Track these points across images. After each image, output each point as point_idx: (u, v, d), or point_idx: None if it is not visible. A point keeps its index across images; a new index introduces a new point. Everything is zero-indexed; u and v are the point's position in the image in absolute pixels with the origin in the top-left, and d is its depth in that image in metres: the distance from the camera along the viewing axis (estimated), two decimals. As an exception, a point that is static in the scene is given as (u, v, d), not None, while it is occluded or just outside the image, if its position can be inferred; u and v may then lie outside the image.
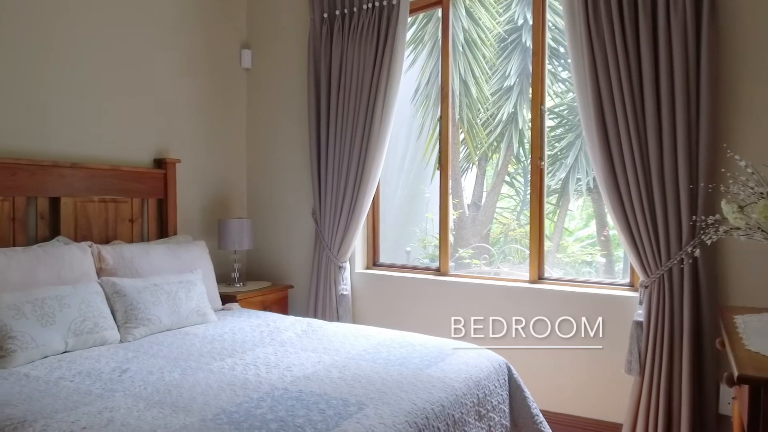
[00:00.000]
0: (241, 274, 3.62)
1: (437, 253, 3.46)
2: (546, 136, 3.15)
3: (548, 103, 3.21)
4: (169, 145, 3.43)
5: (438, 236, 3.55)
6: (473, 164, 5.12)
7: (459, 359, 2.18)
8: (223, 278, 3.57)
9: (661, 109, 2.55)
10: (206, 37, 3.67)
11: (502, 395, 2.18)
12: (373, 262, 3.70)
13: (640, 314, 2.65)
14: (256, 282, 3.74)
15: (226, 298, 3.25)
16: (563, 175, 4.76)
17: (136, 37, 3.23)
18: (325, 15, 3.49)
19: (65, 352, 2.21)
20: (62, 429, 1.55)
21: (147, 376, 1.97)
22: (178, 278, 2.75)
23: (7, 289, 2.22)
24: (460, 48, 4.85)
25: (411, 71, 4.79)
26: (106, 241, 2.96)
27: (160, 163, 3.31)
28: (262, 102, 3.93)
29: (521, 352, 2.94)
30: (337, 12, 3.44)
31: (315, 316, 3.48)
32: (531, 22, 4.89)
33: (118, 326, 2.44)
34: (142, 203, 3.19)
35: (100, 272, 2.63)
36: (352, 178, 3.41)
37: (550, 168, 4.73)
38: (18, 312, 2.13)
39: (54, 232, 2.77)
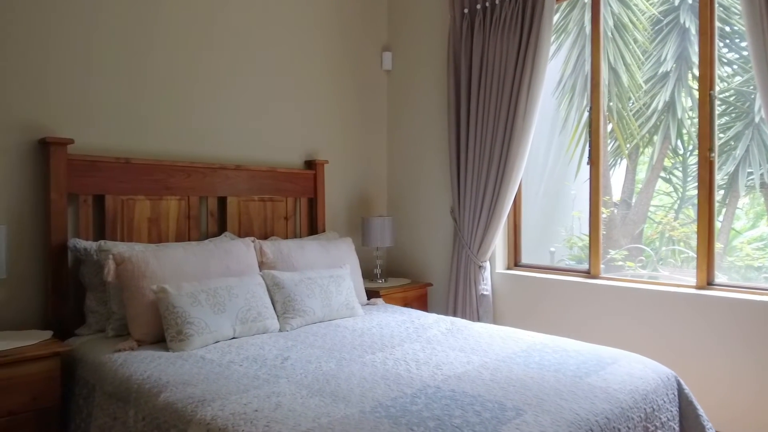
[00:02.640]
0: (382, 271, 3.71)
1: (583, 254, 3.26)
2: (715, 125, 2.81)
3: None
4: (318, 147, 3.61)
5: (585, 236, 3.33)
6: (623, 157, 4.75)
7: (621, 369, 2.02)
8: (365, 274, 3.68)
9: None
10: (349, 42, 3.82)
11: (671, 411, 1.98)
12: (515, 262, 3.58)
13: (842, 330, 2.26)
14: (396, 279, 3.82)
15: (370, 293, 3.35)
16: (731, 169, 4.24)
17: (285, 46, 3.45)
18: (466, 11, 3.45)
19: (233, 338, 2.41)
20: (236, 410, 1.66)
21: (306, 364, 2.07)
22: (329, 272, 2.88)
23: (186, 279, 2.47)
24: (609, 34, 4.53)
25: (552, 62, 4.56)
26: (265, 236, 3.20)
27: (310, 164, 3.50)
28: (402, 102, 3.99)
29: (690, 365, 2.67)
30: (478, 6, 3.39)
31: (454, 315, 3.46)
32: (691, 1, 4.42)
33: (277, 316, 2.61)
34: (295, 202, 3.40)
35: (261, 265, 2.84)
36: (494, 175, 3.33)
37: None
38: (195, 300, 2.36)
39: (221, 228, 3.05)
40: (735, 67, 4.61)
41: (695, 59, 4.37)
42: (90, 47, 2.62)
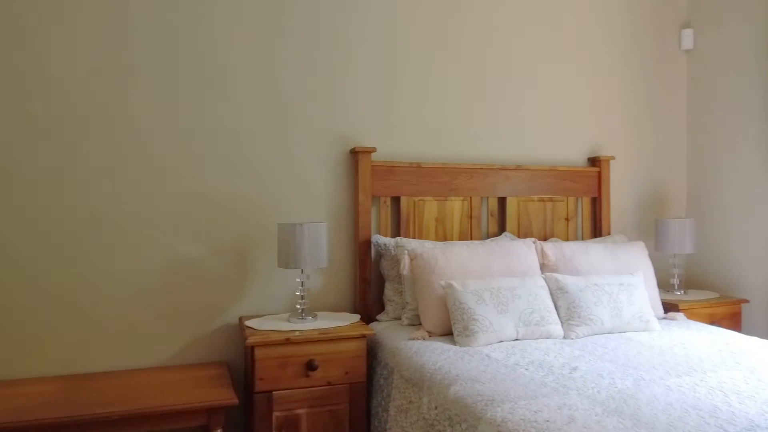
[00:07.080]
0: (681, 281, 3.25)
1: None
2: None
3: None
4: (602, 142, 3.36)
5: None
6: None
7: None
8: (660, 284, 3.28)
9: None
10: (640, 22, 3.44)
11: None
12: None
13: None
14: (698, 291, 3.29)
15: (667, 306, 2.96)
16: None
17: (567, 32, 3.29)
18: (804, -38, 2.77)
19: (516, 339, 2.39)
20: (526, 416, 1.62)
21: (597, 378, 1.93)
22: (618, 279, 2.64)
23: (470, 277, 2.55)
24: None
25: None
26: (544, 238, 3.11)
27: (593, 161, 3.27)
28: (707, 86, 3.42)
29: None
30: (825, -46, 2.68)
31: (782, 341, 2.82)
32: None
33: (561, 322, 2.51)
34: (576, 202, 3.23)
35: (542, 268, 2.77)
36: None
37: None
38: (479, 298, 2.42)
39: (501, 228, 3.08)
40: None
41: None
42: (390, 69, 2.92)
